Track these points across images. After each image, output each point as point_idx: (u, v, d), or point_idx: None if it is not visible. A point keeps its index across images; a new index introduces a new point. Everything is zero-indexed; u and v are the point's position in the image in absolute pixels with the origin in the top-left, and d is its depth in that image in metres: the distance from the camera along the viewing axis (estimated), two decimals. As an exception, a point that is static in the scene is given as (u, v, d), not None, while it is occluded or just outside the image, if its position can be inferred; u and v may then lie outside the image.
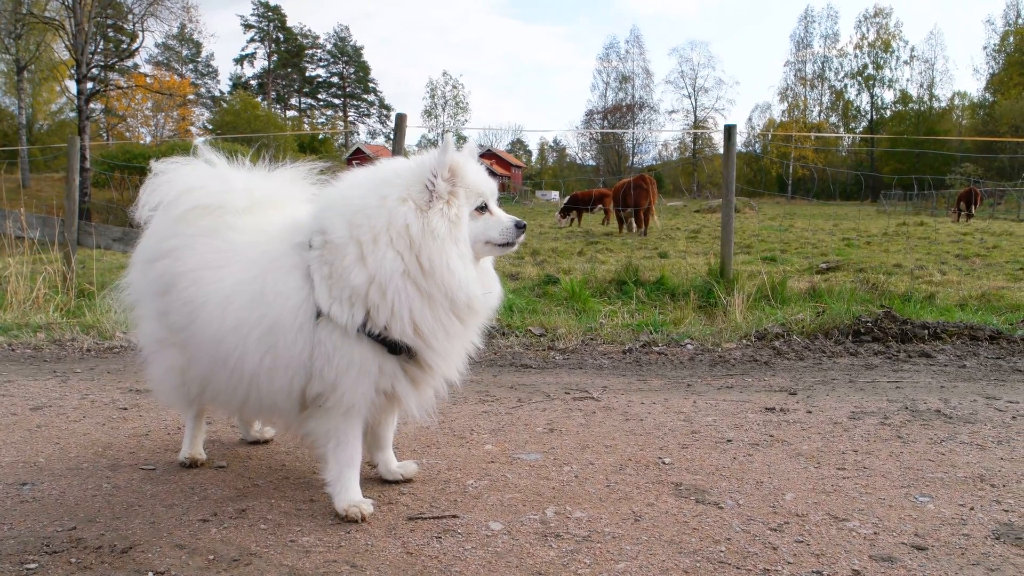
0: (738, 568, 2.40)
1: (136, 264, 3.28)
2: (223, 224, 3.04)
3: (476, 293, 2.68)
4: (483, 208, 2.77)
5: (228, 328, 2.77)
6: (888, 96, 76.86)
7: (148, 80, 56.93)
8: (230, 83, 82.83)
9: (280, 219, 3.02)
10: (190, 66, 76.08)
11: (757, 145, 75.84)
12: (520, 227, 2.80)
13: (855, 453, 3.56)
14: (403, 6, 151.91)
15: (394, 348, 2.65)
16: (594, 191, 27.15)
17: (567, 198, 28.18)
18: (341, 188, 2.82)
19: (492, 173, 2.94)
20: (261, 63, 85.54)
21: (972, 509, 2.88)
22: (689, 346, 6.25)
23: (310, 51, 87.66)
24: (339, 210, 2.68)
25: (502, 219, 2.80)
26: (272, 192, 3.19)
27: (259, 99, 75.71)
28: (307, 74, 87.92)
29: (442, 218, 2.63)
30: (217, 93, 78.67)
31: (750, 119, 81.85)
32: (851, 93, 77.95)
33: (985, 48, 76.23)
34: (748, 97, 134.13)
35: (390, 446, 3.19)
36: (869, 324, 6.43)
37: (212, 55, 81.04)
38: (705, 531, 2.68)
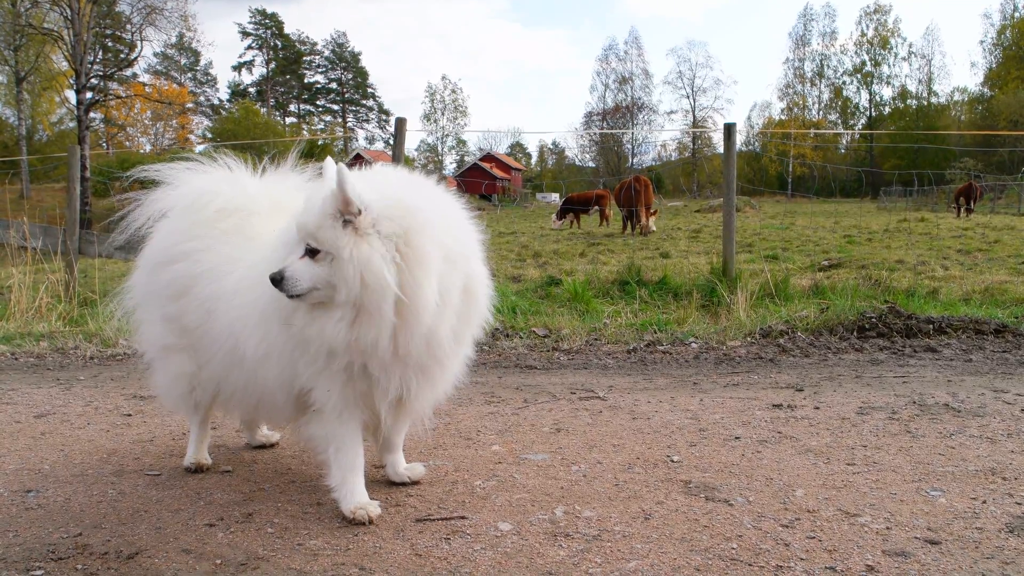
0: (750, 565, 2.38)
1: (142, 268, 3.27)
2: (246, 225, 3.09)
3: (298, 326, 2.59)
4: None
5: (234, 317, 2.83)
6: (887, 92, 76.99)
7: (147, 89, 57.12)
8: (229, 91, 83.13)
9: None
10: (189, 75, 76.32)
11: (757, 144, 75.87)
12: (273, 281, 2.49)
13: (864, 448, 3.53)
14: (403, 13, 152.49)
15: None
16: (591, 192, 27.11)
17: (563, 200, 28.12)
18: None
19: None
20: (259, 70, 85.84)
21: (984, 502, 2.85)
22: (694, 345, 6.22)
23: (308, 57, 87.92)
24: None
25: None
26: (284, 196, 3.20)
27: (258, 106, 75.86)
28: (306, 80, 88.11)
29: None
30: (216, 101, 78.95)
31: (749, 118, 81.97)
32: (850, 90, 78.07)
33: (982, 43, 76.00)
34: (747, 96, 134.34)
35: (400, 449, 3.17)
36: (874, 320, 6.41)
37: (210, 63, 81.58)
38: (716, 528, 2.66)
